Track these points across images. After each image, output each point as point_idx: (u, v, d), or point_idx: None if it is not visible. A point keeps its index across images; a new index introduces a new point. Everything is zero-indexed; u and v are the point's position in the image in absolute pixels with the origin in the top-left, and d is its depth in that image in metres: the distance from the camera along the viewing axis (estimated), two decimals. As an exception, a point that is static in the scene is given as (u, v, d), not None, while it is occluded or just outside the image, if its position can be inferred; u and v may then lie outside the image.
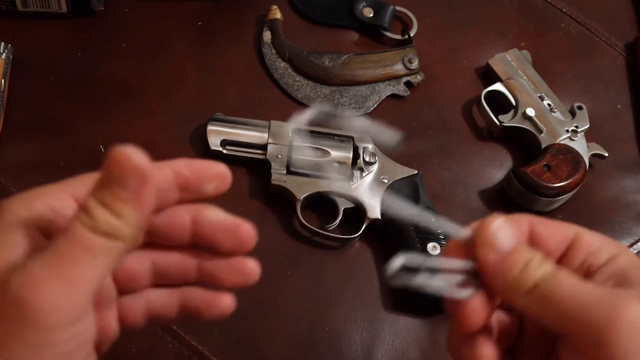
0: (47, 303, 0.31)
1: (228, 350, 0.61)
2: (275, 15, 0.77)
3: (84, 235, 0.33)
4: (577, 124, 0.74)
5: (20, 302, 0.31)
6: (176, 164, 0.39)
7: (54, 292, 0.31)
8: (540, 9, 0.85)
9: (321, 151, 0.67)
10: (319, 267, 0.66)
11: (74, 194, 0.37)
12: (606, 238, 0.41)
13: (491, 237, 0.39)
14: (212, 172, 0.41)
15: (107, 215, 0.33)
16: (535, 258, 0.38)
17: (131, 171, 0.34)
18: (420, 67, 0.77)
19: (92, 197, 0.34)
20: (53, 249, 0.32)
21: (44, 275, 0.31)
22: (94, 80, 0.72)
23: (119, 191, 0.34)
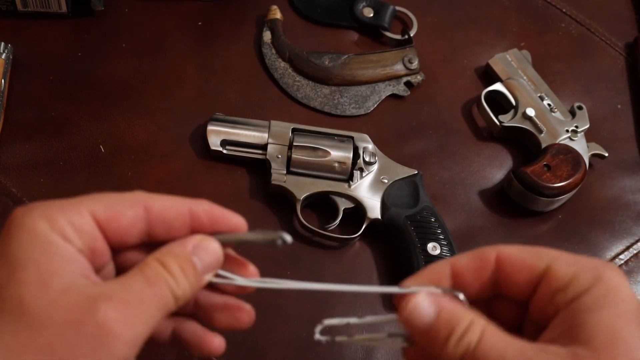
0: (127, 337, 0.36)
1: (228, 350, 0.61)
2: (275, 15, 0.77)
3: (163, 291, 0.37)
4: (577, 124, 0.74)
5: (104, 331, 0.35)
6: (196, 206, 0.41)
7: (134, 329, 0.36)
8: (540, 9, 0.85)
9: (321, 151, 0.67)
10: (319, 267, 0.66)
11: (92, 211, 0.38)
12: (583, 266, 0.38)
13: (410, 317, 0.39)
14: (229, 223, 0.42)
15: (186, 285, 0.38)
16: (459, 326, 0.37)
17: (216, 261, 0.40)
18: (420, 67, 0.77)
19: (175, 260, 0.38)
20: (133, 289, 0.37)
21: (126, 313, 0.36)
22: (94, 80, 0.72)
23: (201, 275, 0.39)
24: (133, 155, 0.69)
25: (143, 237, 0.40)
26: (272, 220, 0.67)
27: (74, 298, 0.35)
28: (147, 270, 0.38)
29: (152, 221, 0.40)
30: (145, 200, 0.40)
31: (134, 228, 0.40)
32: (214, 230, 0.42)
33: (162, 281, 0.37)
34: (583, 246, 0.71)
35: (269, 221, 0.67)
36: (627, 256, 0.72)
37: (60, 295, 0.35)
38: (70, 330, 0.35)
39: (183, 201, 0.41)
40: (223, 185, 0.68)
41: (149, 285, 0.37)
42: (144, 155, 0.69)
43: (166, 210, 0.40)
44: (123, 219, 0.39)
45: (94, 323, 0.35)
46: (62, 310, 0.35)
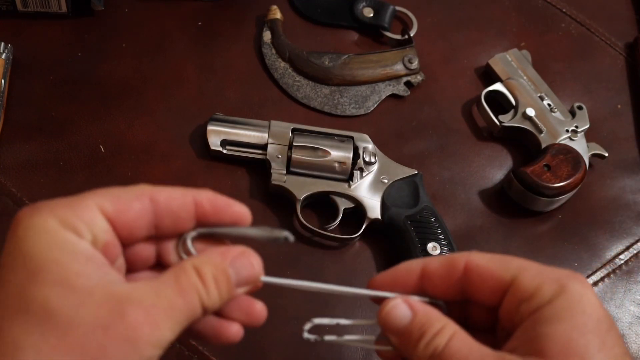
0: (153, 340, 0.36)
1: (228, 350, 0.61)
2: (275, 15, 0.77)
3: (193, 301, 0.38)
4: (577, 124, 0.74)
5: (133, 334, 0.35)
6: (200, 195, 0.41)
7: (160, 333, 0.36)
8: (540, 9, 0.85)
9: (321, 151, 0.67)
10: (319, 267, 0.66)
11: (100, 205, 0.38)
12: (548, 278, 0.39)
13: (386, 318, 0.41)
14: (232, 212, 0.42)
15: (217, 296, 0.39)
16: (430, 331, 0.39)
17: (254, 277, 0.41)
18: (420, 67, 0.77)
19: (211, 270, 0.38)
20: (164, 296, 0.37)
21: (155, 317, 0.36)
22: (94, 80, 0.72)
23: (234, 287, 0.40)
24: (133, 155, 0.69)
25: (150, 229, 0.40)
26: (272, 220, 0.67)
27: (102, 297, 0.35)
28: (182, 277, 0.38)
29: (158, 212, 0.40)
30: (150, 192, 0.40)
31: (141, 220, 0.39)
32: (218, 220, 0.41)
33: (194, 291, 0.37)
34: (583, 246, 0.71)
35: (269, 221, 0.67)
36: (627, 256, 0.72)
37: (87, 295, 0.35)
38: (99, 331, 0.35)
39: (187, 191, 0.41)
40: (223, 185, 0.68)
41: (180, 294, 0.37)
42: (144, 155, 0.69)
43: (171, 200, 0.40)
44: (131, 211, 0.39)
45: (123, 326, 0.35)
46: (91, 311, 0.35)
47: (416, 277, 0.42)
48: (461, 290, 0.42)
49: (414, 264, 0.43)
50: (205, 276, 0.38)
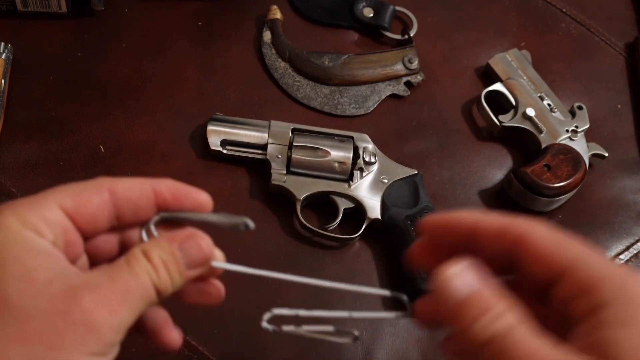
0: (111, 323, 0.37)
1: (228, 350, 0.61)
2: (275, 15, 0.77)
3: (146, 283, 0.38)
4: (577, 124, 0.74)
5: (91, 318, 0.36)
6: (159, 184, 0.42)
7: (117, 316, 0.37)
8: (540, 9, 0.85)
9: (321, 151, 0.67)
10: (319, 267, 0.66)
11: (61, 203, 0.39)
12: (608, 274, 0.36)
13: (443, 284, 0.38)
14: (193, 200, 0.42)
15: (167, 279, 0.39)
16: (492, 310, 0.36)
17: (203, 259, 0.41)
18: (420, 67, 0.77)
19: (159, 253, 0.39)
20: (118, 280, 0.38)
21: (111, 301, 0.37)
22: (94, 80, 0.72)
23: (185, 269, 0.40)
24: (133, 155, 0.69)
25: (112, 221, 0.41)
26: (272, 220, 0.67)
27: (58, 288, 0.36)
28: (133, 261, 0.38)
29: (118, 204, 0.41)
30: (109, 184, 0.41)
31: (102, 213, 0.40)
32: (179, 208, 0.42)
33: (146, 274, 0.38)
34: (583, 246, 0.71)
35: (269, 221, 0.67)
36: (627, 256, 0.72)
37: (44, 286, 0.36)
38: (57, 318, 0.35)
39: (146, 181, 0.42)
40: (223, 185, 0.68)
41: (133, 276, 0.38)
42: (144, 155, 0.69)
43: (130, 191, 0.41)
44: (90, 205, 0.40)
45: (80, 310, 0.36)
46: (48, 300, 0.36)
47: (467, 230, 0.40)
48: (509, 258, 0.39)
49: (469, 216, 0.40)
50: (154, 259, 0.39)
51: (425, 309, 0.42)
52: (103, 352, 0.37)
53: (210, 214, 0.43)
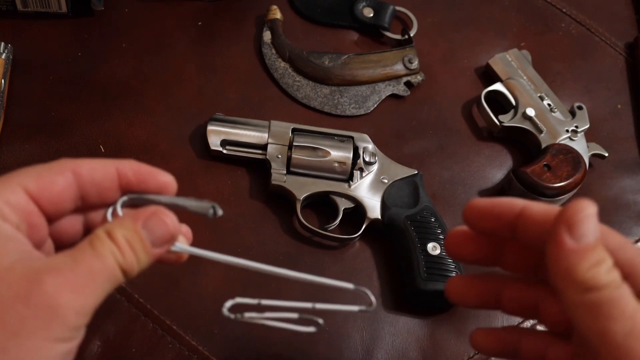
0: (76, 307, 0.36)
1: (228, 350, 0.61)
2: (275, 15, 0.77)
3: (110, 263, 0.38)
4: (577, 124, 0.74)
5: (54, 302, 0.35)
6: (123, 164, 0.42)
7: (81, 299, 0.36)
8: (540, 9, 0.85)
9: (321, 151, 0.67)
10: (319, 267, 0.66)
11: (24, 186, 0.39)
12: None
13: (577, 220, 0.37)
14: (156, 181, 0.42)
15: (133, 258, 0.38)
16: (608, 262, 0.37)
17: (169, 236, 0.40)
18: (420, 67, 0.77)
19: (122, 232, 0.38)
20: (82, 262, 0.37)
21: (75, 283, 0.36)
22: (94, 80, 0.72)
23: (151, 247, 0.39)
24: (133, 155, 0.68)
25: (77, 202, 0.41)
26: (272, 220, 0.67)
27: (20, 273, 0.36)
28: (96, 242, 0.38)
29: (82, 185, 0.41)
30: (72, 165, 0.40)
31: (66, 194, 0.40)
32: (142, 189, 0.42)
33: (110, 254, 0.38)
34: (583, 246, 0.71)
35: (269, 221, 0.67)
36: (627, 256, 0.71)
37: (6, 272, 0.36)
38: (19, 303, 0.35)
39: (109, 161, 0.42)
40: (223, 185, 0.68)
41: (97, 257, 0.37)
42: (144, 155, 0.69)
43: (94, 171, 0.41)
44: (54, 187, 0.39)
45: (42, 294, 0.35)
46: (9, 286, 0.35)
47: (514, 214, 0.41)
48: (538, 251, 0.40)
49: (517, 202, 0.41)
50: (118, 239, 0.38)
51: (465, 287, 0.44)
52: (68, 336, 0.36)
53: (179, 197, 0.42)
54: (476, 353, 0.64)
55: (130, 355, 0.59)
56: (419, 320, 0.65)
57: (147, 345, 0.60)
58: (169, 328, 0.61)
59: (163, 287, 0.62)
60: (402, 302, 0.65)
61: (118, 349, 0.59)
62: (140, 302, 0.61)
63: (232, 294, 0.44)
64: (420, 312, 0.65)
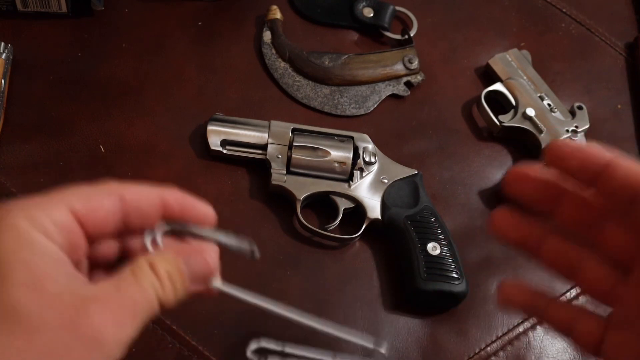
0: (117, 339, 0.36)
1: (228, 350, 0.61)
2: (275, 15, 0.77)
3: (151, 295, 0.38)
4: (577, 124, 0.74)
5: (98, 333, 0.36)
6: (166, 193, 0.42)
7: (123, 331, 0.37)
8: (540, 9, 0.85)
9: (321, 151, 0.67)
10: (319, 267, 0.66)
11: (71, 206, 0.39)
12: None
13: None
14: (197, 212, 0.43)
15: (171, 292, 0.39)
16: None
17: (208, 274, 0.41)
18: (420, 67, 0.77)
19: (165, 266, 0.39)
20: (125, 293, 0.37)
21: (118, 315, 0.37)
22: (94, 80, 0.72)
23: (189, 282, 0.40)
24: (133, 155, 0.69)
25: (118, 226, 0.41)
26: (272, 220, 0.67)
27: (68, 300, 0.36)
28: (139, 273, 0.38)
29: (126, 210, 0.41)
30: (118, 189, 0.41)
31: (110, 218, 0.40)
32: (183, 218, 0.42)
33: (151, 286, 0.38)
34: (583, 246, 0.71)
35: (269, 221, 0.67)
36: (627, 256, 0.71)
37: (55, 298, 0.36)
38: (65, 333, 0.35)
39: (154, 189, 0.42)
40: (223, 185, 0.68)
41: (139, 289, 0.38)
42: (144, 155, 0.69)
43: (139, 198, 0.41)
44: (101, 210, 0.40)
45: (88, 325, 0.35)
46: (58, 313, 0.35)
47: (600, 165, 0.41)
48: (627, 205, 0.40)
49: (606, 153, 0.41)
50: (160, 272, 0.38)
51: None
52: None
53: (218, 232, 0.42)
54: (476, 353, 0.64)
55: (130, 355, 0.59)
56: (419, 320, 0.65)
57: (147, 345, 0.60)
58: (169, 328, 0.61)
59: (163, 287, 0.62)
60: (402, 302, 0.65)
61: (118, 349, 0.59)
62: (140, 302, 0.61)
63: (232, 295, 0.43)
64: (420, 312, 0.65)
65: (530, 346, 0.65)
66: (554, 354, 0.65)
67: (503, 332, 0.66)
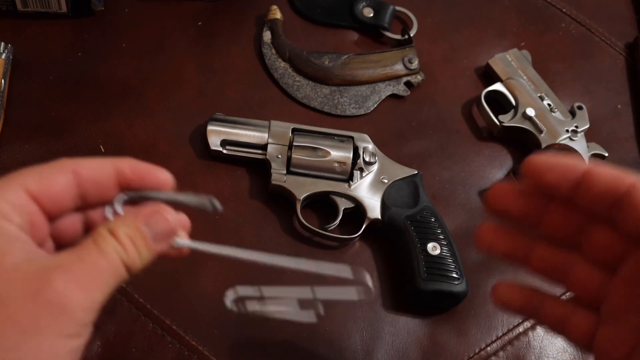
0: (84, 303, 0.37)
1: (228, 350, 0.61)
2: (275, 15, 0.77)
3: (115, 260, 0.38)
4: (577, 124, 0.74)
5: (63, 299, 0.36)
6: (121, 162, 0.43)
7: (89, 295, 0.37)
8: (540, 9, 0.85)
9: (321, 151, 0.67)
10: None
11: (25, 186, 0.39)
12: None
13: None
14: (154, 178, 0.43)
15: (135, 254, 0.39)
16: None
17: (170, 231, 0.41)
18: (420, 67, 0.77)
19: (125, 230, 0.39)
20: (87, 259, 0.38)
21: (82, 280, 0.37)
22: (94, 80, 0.72)
23: (152, 243, 0.40)
24: (133, 155, 0.67)
25: (76, 201, 0.42)
26: (272, 220, 0.67)
27: (29, 271, 0.36)
28: (99, 240, 0.39)
29: (81, 184, 0.41)
30: (71, 165, 0.41)
31: (66, 193, 0.41)
32: (140, 187, 0.43)
33: (114, 251, 0.39)
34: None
35: (269, 221, 0.67)
36: (627, 256, 0.71)
37: (14, 271, 0.36)
38: (29, 302, 0.35)
39: (108, 160, 0.42)
40: (223, 185, 0.68)
41: (101, 254, 0.38)
42: (144, 155, 0.68)
43: (93, 170, 0.42)
44: (55, 186, 0.40)
45: (52, 292, 0.36)
46: (19, 285, 0.36)
47: (578, 175, 0.41)
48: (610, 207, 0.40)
49: (581, 164, 0.41)
50: (120, 236, 0.39)
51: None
52: (77, 333, 0.37)
53: (177, 193, 0.43)
54: (476, 353, 0.64)
55: (130, 355, 0.59)
56: (419, 320, 0.65)
57: (147, 345, 0.60)
58: (169, 328, 0.61)
59: (163, 287, 0.62)
60: (402, 302, 0.65)
61: (118, 349, 0.59)
62: (140, 302, 0.61)
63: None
64: (420, 312, 0.65)
65: (530, 346, 0.65)
66: (554, 354, 0.65)
67: (503, 332, 0.66)
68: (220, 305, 0.60)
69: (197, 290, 0.62)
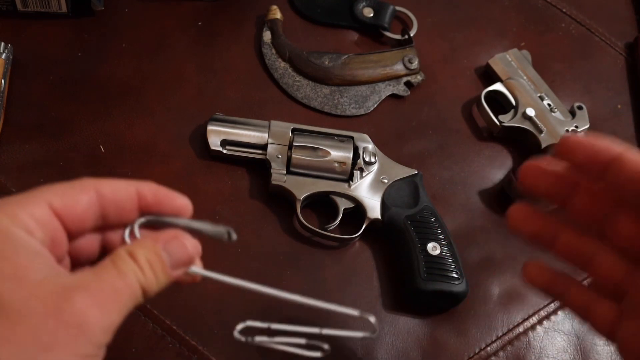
0: (102, 324, 0.37)
1: (228, 350, 0.61)
2: (275, 15, 0.77)
3: (133, 283, 0.39)
4: (577, 124, 0.74)
5: (83, 319, 0.36)
6: (143, 186, 0.43)
7: (107, 317, 0.37)
8: (540, 9, 0.85)
9: (321, 151, 0.67)
10: (319, 267, 0.66)
11: (49, 202, 0.40)
12: None
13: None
14: (173, 204, 0.43)
15: (152, 278, 0.40)
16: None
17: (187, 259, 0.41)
18: (420, 67, 0.77)
19: (144, 254, 0.40)
20: (106, 280, 0.38)
21: (101, 301, 0.37)
22: (94, 80, 0.72)
23: (170, 269, 0.41)
24: (133, 156, 0.69)
25: (97, 221, 0.42)
26: (272, 220, 0.67)
27: (50, 289, 0.36)
28: (118, 262, 0.39)
29: (104, 205, 0.42)
30: (95, 184, 0.41)
31: (89, 213, 0.41)
32: (160, 211, 0.43)
33: (132, 273, 0.39)
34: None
35: (269, 221, 0.67)
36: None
37: (37, 287, 0.36)
38: (50, 320, 0.36)
39: (130, 183, 0.43)
40: (223, 185, 0.68)
41: (120, 276, 0.38)
42: (143, 155, 0.69)
43: (116, 192, 0.42)
44: (78, 205, 0.41)
45: (72, 312, 0.36)
46: (41, 301, 0.36)
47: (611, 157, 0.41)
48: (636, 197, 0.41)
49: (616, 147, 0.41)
50: (139, 259, 0.39)
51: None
52: (93, 354, 0.37)
53: (195, 220, 0.43)
54: (476, 353, 0.64)
55: (130, 355, 0.59)
56: (419, 320, 0.65)
57: (147, 345, 0.60)
58: (169, 328, 0.61)
59: (163, 287, 0.62)
60: (402, 302, 0.65)
61: (118, 349, 0.59)
62: (140, 302, 0.61)
63: (232, 294, 0.44)
64: (420, 312, 0.65)
65: (530, 346, 0.65)
66: (554, 354, 0.65)
67: (503, 332, 0.66)
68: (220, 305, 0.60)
69: (197, 290, 0.62)
